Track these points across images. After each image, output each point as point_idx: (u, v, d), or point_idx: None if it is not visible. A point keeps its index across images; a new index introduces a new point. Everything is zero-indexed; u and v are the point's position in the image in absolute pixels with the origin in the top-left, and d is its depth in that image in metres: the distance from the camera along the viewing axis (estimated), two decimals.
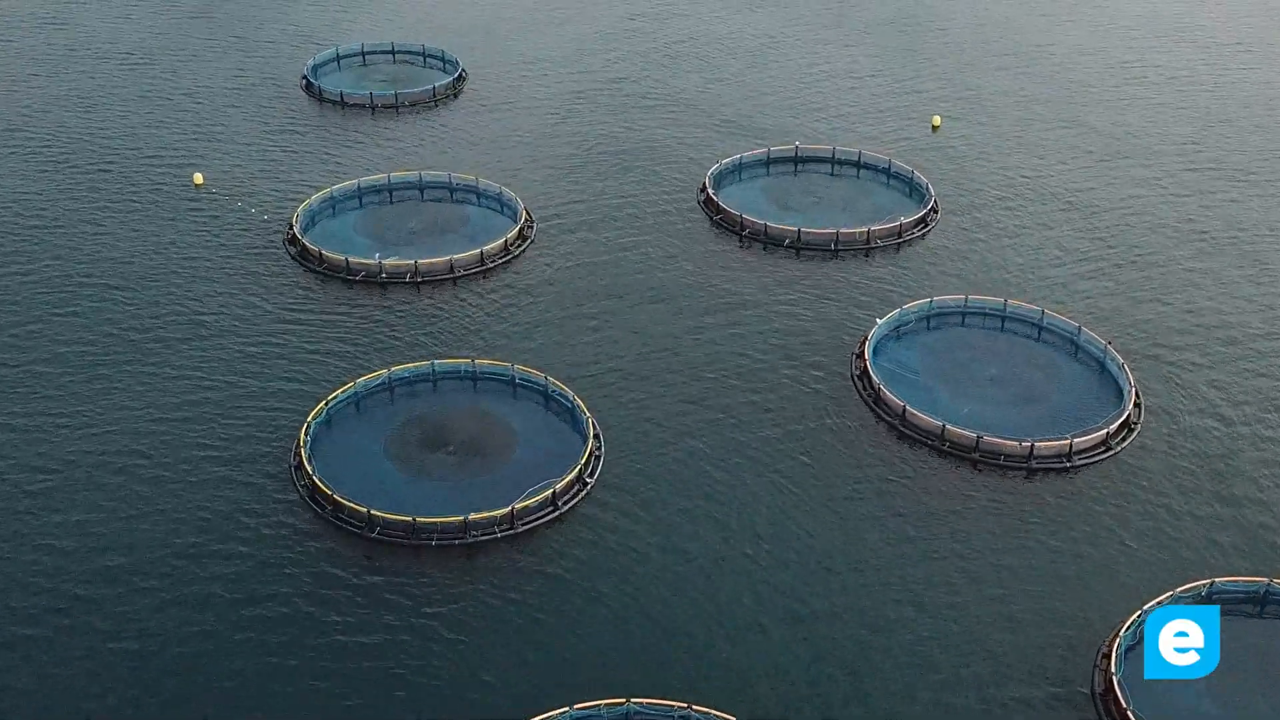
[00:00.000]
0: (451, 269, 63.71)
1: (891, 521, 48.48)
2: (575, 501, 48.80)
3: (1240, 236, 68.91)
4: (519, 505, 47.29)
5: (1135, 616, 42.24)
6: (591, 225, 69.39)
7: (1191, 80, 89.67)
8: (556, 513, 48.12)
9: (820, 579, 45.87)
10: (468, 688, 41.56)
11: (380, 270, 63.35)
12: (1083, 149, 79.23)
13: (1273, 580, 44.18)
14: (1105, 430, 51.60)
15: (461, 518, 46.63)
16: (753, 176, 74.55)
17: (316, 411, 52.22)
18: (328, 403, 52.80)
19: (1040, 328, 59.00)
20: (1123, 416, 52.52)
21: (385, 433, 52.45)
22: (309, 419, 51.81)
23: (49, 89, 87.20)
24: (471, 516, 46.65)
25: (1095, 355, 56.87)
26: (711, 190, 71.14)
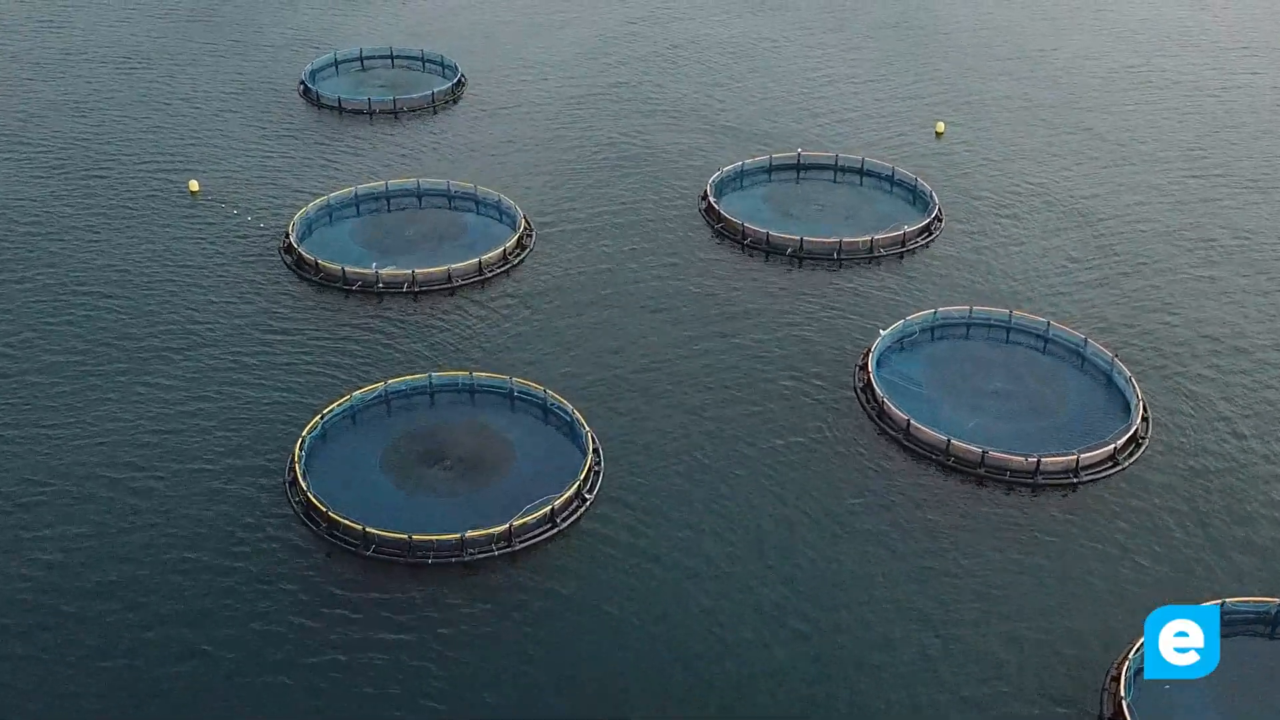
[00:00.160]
0: (449, 278, 62.88)
1: (896, 537, 47.68)
2: (575, 518, 48.02)
3: (1248, 244, 68.06)
4: (517, 522, 46.49)
5: (1141, 643, 41.40)
6: (591, 233, 68.57)
7: (1197, 85, 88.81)
8: (555, 529, 47.29)
9: (824, 595, 45.07)
10: (468, 708, 40.75)
11: (377, 280, 62.58)
12: (1088, 155, 78.41)
13: None
14: (1112, 445, 50.82)
15: (458, 535, 45.81)
16: (754, 184, 73.66)
17: (312, 426, 51.43)
18: (323, 416, 52.02)
19: (1046, 339, 58.16)
20: (1130, 431, 51.73)
21: (381, 447, 51.60)
22: (304, 433, 51.04)
23: (44, 93, 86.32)
24: (469, 534, 45.84)
25: (1102, 367, 56.03)
26: (712, 198, 70.33)
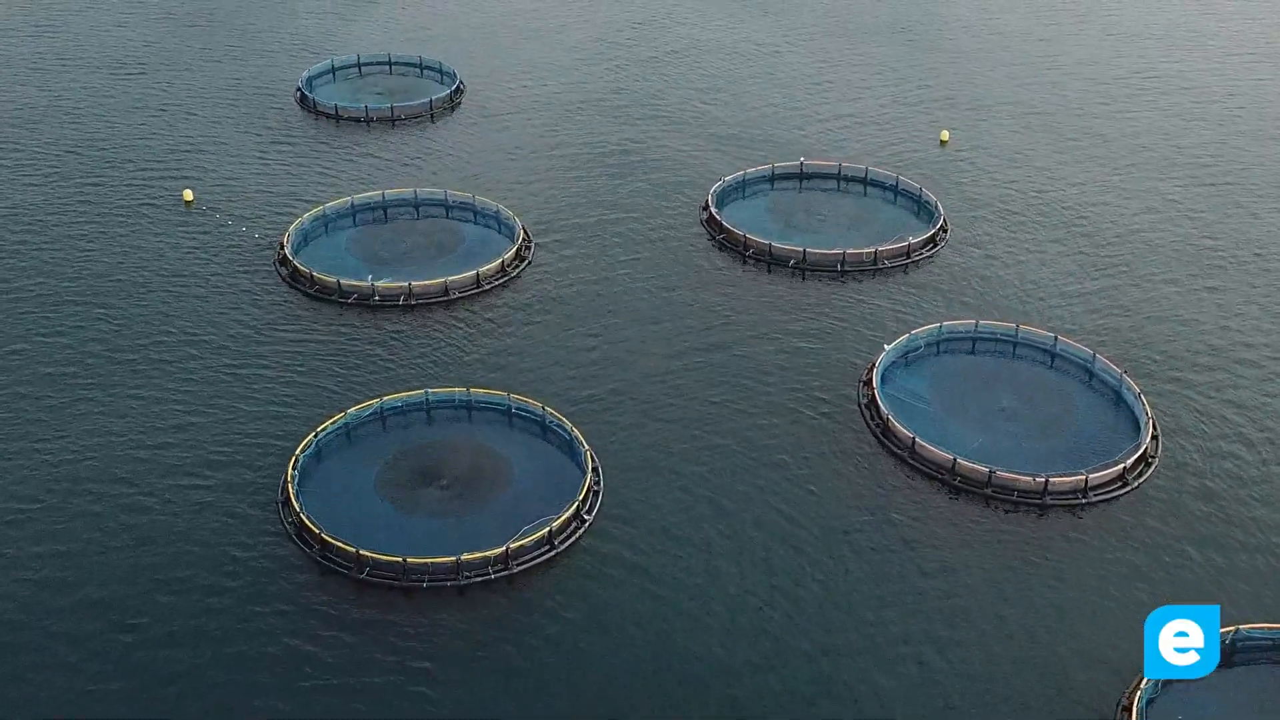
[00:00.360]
0: (446, 291, 61.86)
1: (902, 558, 46.64)
2: (573, 539, 46.97)
3: (1261, 254, 66.96)
4: (514, 544, 45.48)
5: None
6: (591, 244, 67.51)
7: (1204, 91, 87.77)
8: (553, 551, 46.26)
9: (829, 617, 44.04)
10: None
11: (373, 292, 61.58)
12: (1094, 163, 77.38)
13: None
14: (1122, 465, 49.77)
15: (454, 558, 44.78)
16: (756, 193, 72.65)
17: (305, 444, 50.42)
18: (317, 434, 51.01)
19: (1053, 355, 57.13)
20: (1140, 450, 50.67)
21: (376, 466, 50.55)
22: (297, 451, 50.02)
23: (39, 98, 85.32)
24: (464, 556, 44.80)
25: (1111, 384, 54.97)
26: (714, 208, 69.30)
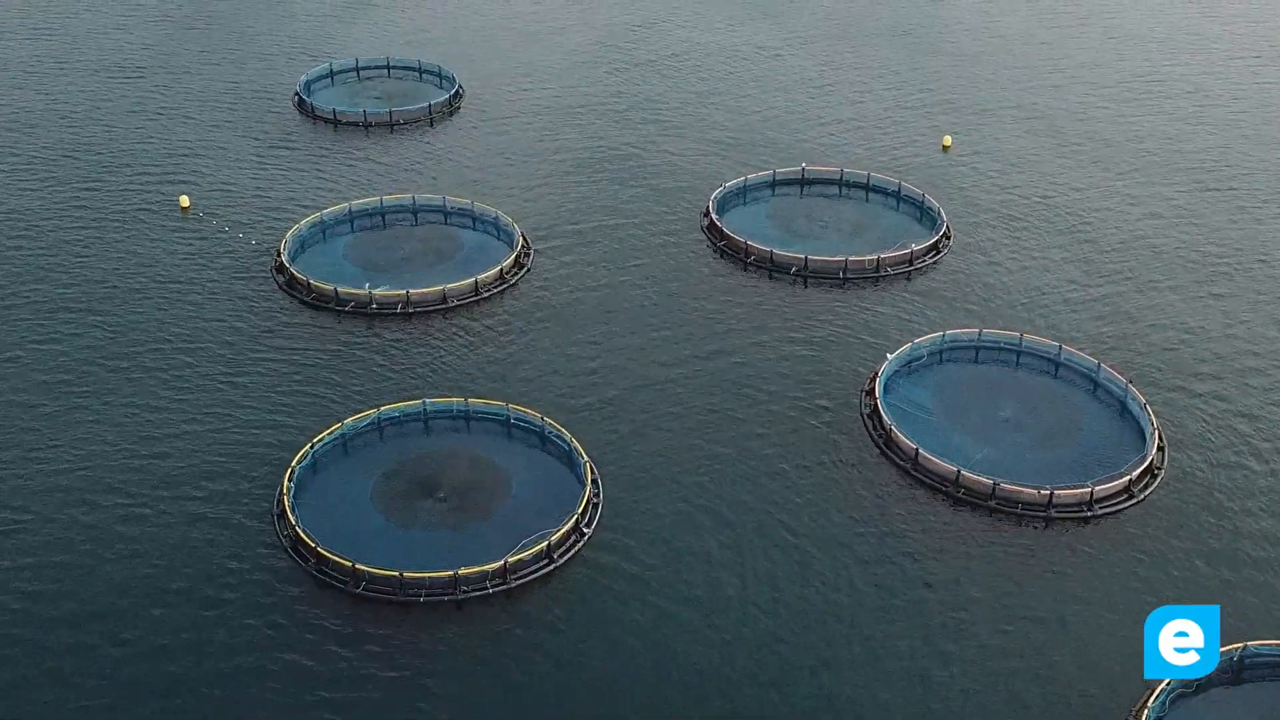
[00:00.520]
0: (444, 299, 61.24)
1: (907, 572, 46.06)
2: (572, 553, 46.36)
3: (1265, 260, 66.40)
4: (512, 559, 44.88)
5: (1165, 684, 39.85)
6: (590, 251, 66.91)
7: (1208, 95, 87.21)
8: (552, 565, 45.65)
9: (831, 630, 43.51)
10: None
11: (370, 300, 60.97)
12: (1098, 167, 76.81)
13: None
14: (1127, 477, 49.17)
15: (451, 572, 44.18)
16: (757, 199, 72.05)
17: (301, 455, 49.82)
18: (313, 445, 50.41)
19: (1057, 364, 56.54)
20: (1146, 461, 50.05)
21: (373, 477, 49.93)
22: (293, 463, 49.44)
23: (36, 102, 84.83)
24: (461, 571, 44.21)
25: (1116, 394, 54.36)
26: (715, 215, 68.71)
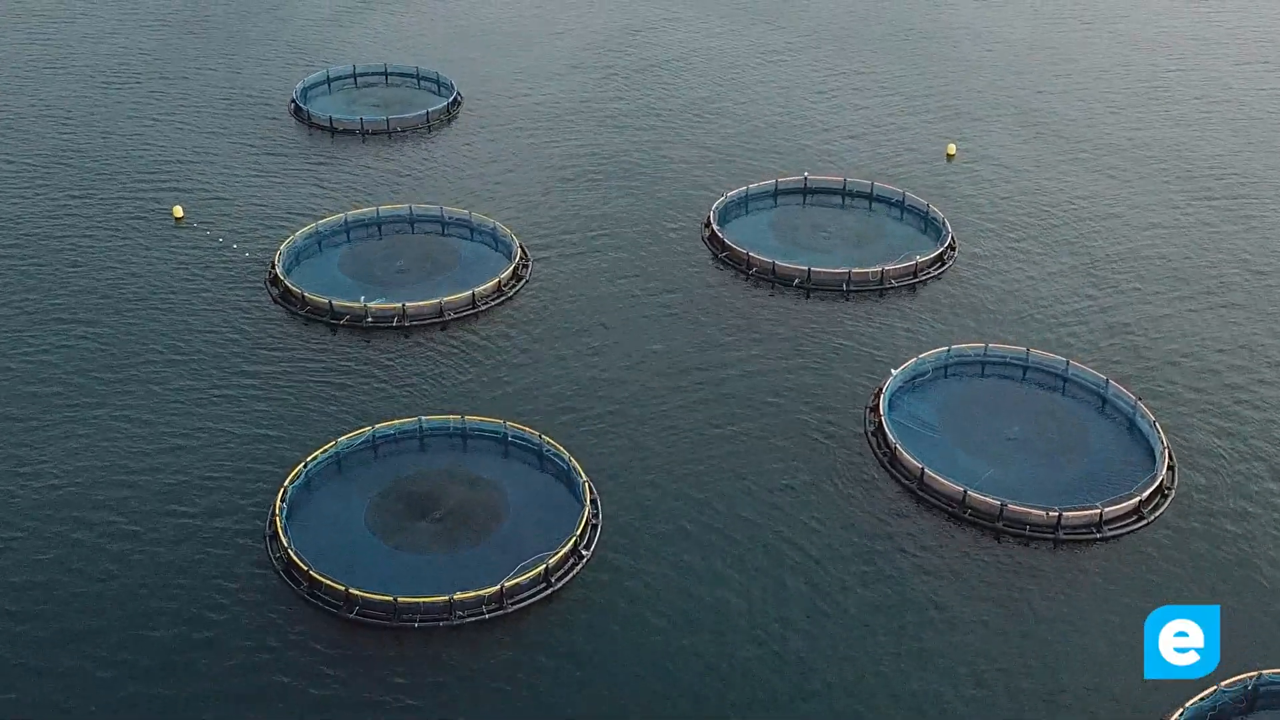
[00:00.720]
0: (441, 312, 60.26)
1: (913, 594, 45.09)
2: (570, 576, 45.40)
3: (1276, 269, 65.33)
4: (509, 583, 43.92)
5: (1177, 715, 38.97)
6: (590, 263, 65.88)
7: (1216, 102, 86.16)
8: (550, 589, 44.70)
9: (842, 654, 42.54)
10: None
11: (366, 314, 60.01)
12: (1105, 175, 75.80)
13: None
14: (1137, 498, 48.19)
15: (446, 597, 43.24)
16: (759, 209, 71.08)
17: (294, 474, 48.87)
18: (306, 464, 49.45)
19: (1065, 379, 55.57)
20: (1156, 482, 49.07)
21: (368, 497, 48.97)
22: (286, 482, 48.49)
23: (30, 108, 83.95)
24: (457, 596, 43.26)
25: (1125, 411, 53.37)
26: (715, 225, 67.73)
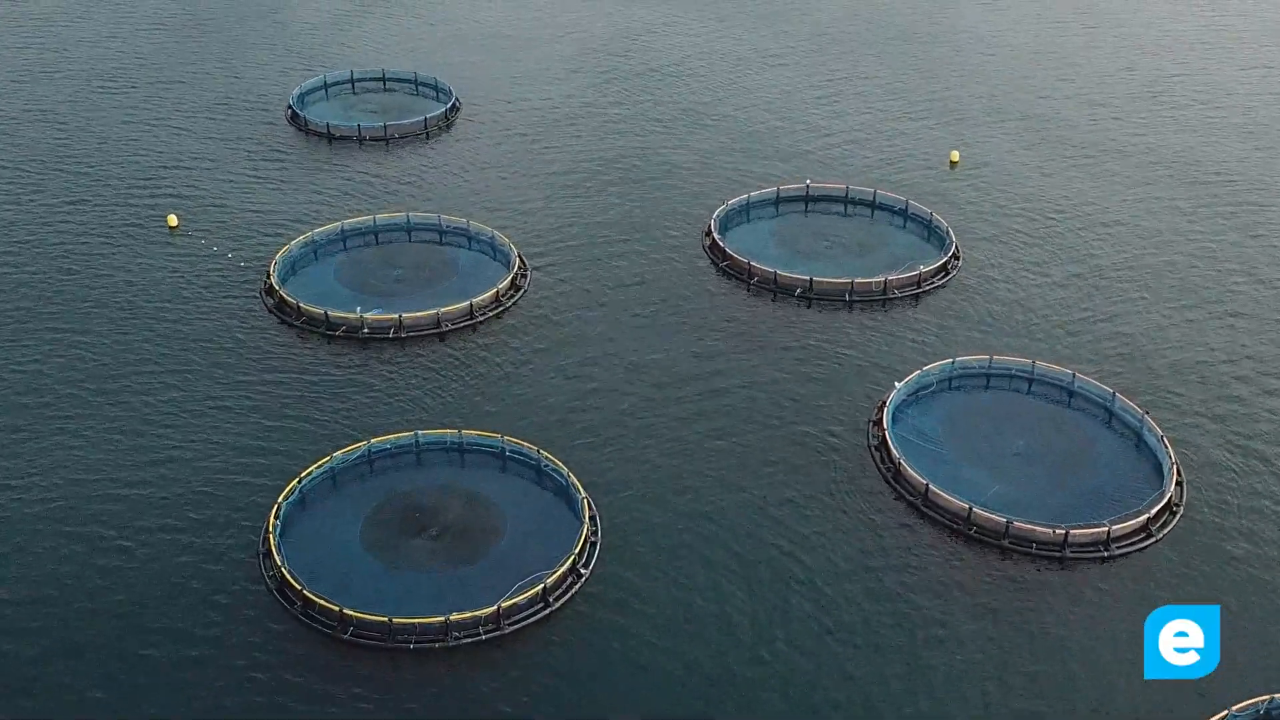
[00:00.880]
0: (438, 323, 59.46)
1: (919, 612, 44.31)
2: (569, 596, 44.57)
3: None
4: (505, 603, 43.10)
5: None
6: (589, 272, 65.05)
7: (1221, 108, 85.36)
8: (548, 609, 43.89)
9: (849, 673, 41.78)
10: None
11: (362, 324, 59.21)
12: (1111, 183, 74.99)
13: None
14: (1145, 515, 47.37)
15: (442, 618, 42.42)
16: (761, 217, 70.25)
17: (288, 490, 48.06)
18: (301, 480, 48.64)
19: (1071, 392, 54.76)
20: (1164, 499, 48.25)
21: (363, 514, 48.12)
22: (279, 499, 47.68)
23: (25, 112, 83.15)
24: (453, 616, 42.45)
25: (1132, 425, 52.56)
26: (717, 234, 66.91)
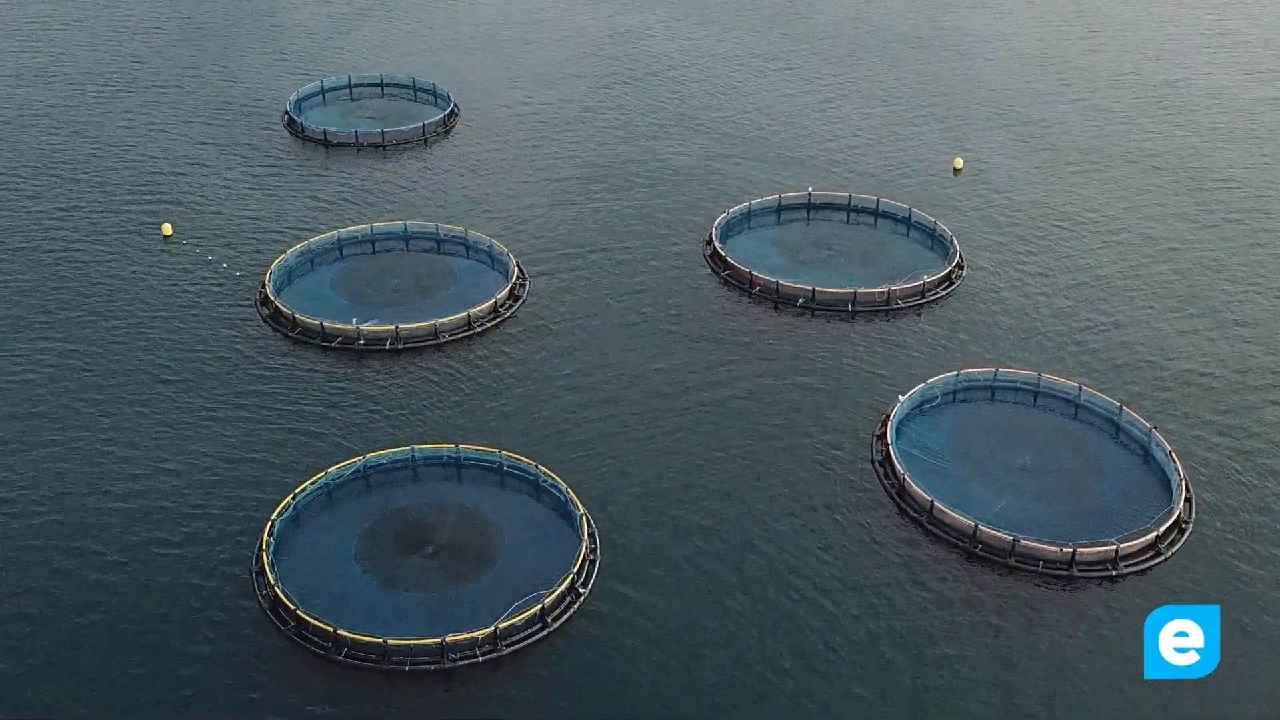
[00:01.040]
0: (436, 334, 58.71)
1: (925, 630, 43.51)
2: (567, 616, 43.78)
3: None
4: (503, 624, 42.32)
5: None
6: (588, 282, 64.28)
7: (1227, 112, 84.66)
8: (546, 630, 43.11)
9: (850, 695, 40.98)
10: None
11: (358, 335, 58.45)
12: (1117, 188, 74.24)
13: None
14: (1154, 533, 46.58)
15: (438, 639, 41.64)
16: (762, 225, 69.50)
17: (282, 508, 47.26)
18: (295, 496, 47.85)
19: (1077, 405, 53.97)
20: (1172, 517, 47.42)
21: (358, 531, 47.33)
22: (273, 516, 46.90)
23: (19, 116, 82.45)
24: (449, 638, 41.67)
25: (1139, 439, 51.78)
26: (718, 242, 66.13)
